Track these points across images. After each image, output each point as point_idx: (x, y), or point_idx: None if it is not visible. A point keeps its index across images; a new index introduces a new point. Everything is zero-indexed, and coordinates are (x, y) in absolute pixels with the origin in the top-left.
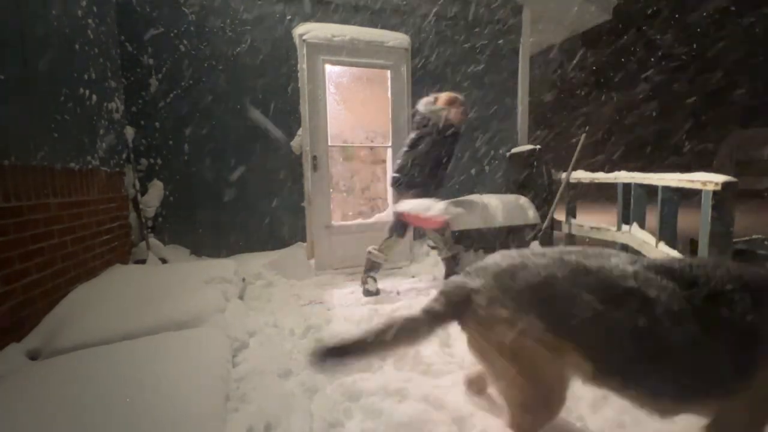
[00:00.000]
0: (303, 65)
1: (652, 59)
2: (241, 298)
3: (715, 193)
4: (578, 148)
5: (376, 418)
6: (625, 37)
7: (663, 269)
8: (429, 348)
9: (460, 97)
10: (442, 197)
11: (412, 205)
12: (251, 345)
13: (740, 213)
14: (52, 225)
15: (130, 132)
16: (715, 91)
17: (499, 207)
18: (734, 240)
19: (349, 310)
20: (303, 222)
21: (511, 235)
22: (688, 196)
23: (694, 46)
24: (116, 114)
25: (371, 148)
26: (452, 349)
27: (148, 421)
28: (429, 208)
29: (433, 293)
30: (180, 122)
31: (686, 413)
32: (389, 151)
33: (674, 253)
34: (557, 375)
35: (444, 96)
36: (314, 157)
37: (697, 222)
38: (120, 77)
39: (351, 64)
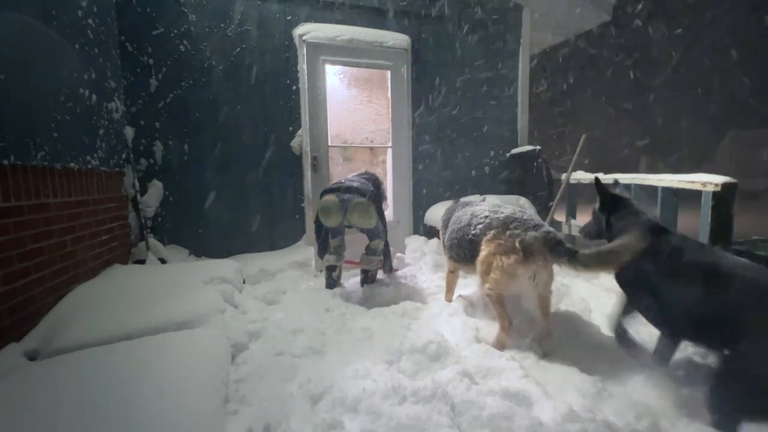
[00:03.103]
0: (303, 65)
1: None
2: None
3: (714, 193)
4: (578, 149)
5: (376, 420)
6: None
7: None
8: (429, 347)
9: None
10: None
11: None
12: (251, 346)
13: (740, 214)
14: (52, 225)
15: (129, 132)
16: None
17: None
18: (734, 241)
19: (349, 309)
20: (303, 222)
21: None
22: (688, 197)
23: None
24: (116, 114)
25: (371, 148)
26: (452, 348)
27: (146, 423)
28: None
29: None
30: (180, 122)
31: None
32: (389, 152)
33: None
34: None
35: None
36: (314, 158)
37: (697, 223)
38: (120, 77)
39: (351, 64)
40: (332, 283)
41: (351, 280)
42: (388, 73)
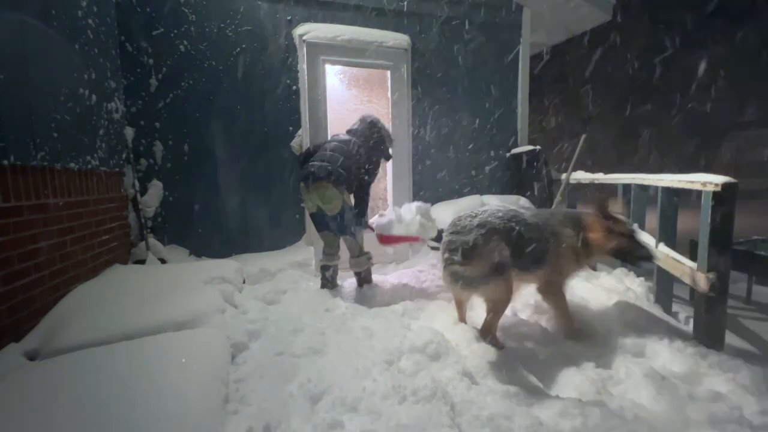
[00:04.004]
0: (303, 65)
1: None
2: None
3: (714, 194)
4: (578, 149)
5: (376, 419)
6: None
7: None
8: (429, 347)
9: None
10: None
11: None
12: (251, 346)
13: (740, 214)
14: (52, 225)
15: (129, 132)
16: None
17: None
18: (734, 241)
19: (349, 309)
20: (303, 222)
21: None
22: (688, 197)
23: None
24: (116, 114)
25: None
26: (452, 348)
27: (146, 423)
28: None
29: None
30: (180, 122)
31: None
32: (389, 151)
33: (674, 254)
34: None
35: None
36: None
37: (697, 223)
38: (120, 77)
39: (351, 64)
40: (326, 283)
41: (349, 280)
42: (388, 73)
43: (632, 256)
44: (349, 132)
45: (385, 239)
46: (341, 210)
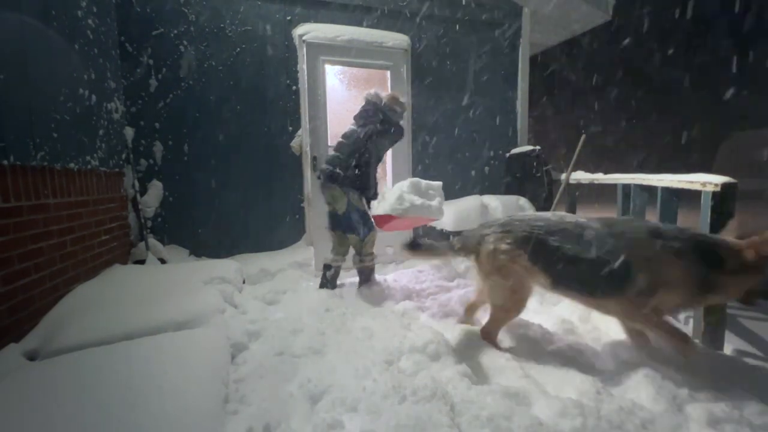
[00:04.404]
0: (303, 65)
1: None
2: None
3: (714, 194)
4: (578, 149)
5: (376, 419)
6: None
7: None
8: (429, 347)
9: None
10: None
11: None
12: (251, 346)
13: (740, 214)
14: (52, 225)
15: (129, 132)
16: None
17: (498, 208)
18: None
19: (349, 309)
20: (303, 222)
21: None
22: (688, 197)
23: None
24: (116, 114)
25: None
26: (452, 348)
27: (146, 423)
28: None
29: None
30: (180, 122)
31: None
32: (389, 152)
33: None
34: (528, 286)
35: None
36: (314, 158)
37: (697, 223)
38: (120, 77)
39: (351, 65)
40: (325, 283)
41: (349, 280)
42: (388, 73)
43: (761, 296)
44: (355, 118)
45: (378, 221)
46: (347, 210)
